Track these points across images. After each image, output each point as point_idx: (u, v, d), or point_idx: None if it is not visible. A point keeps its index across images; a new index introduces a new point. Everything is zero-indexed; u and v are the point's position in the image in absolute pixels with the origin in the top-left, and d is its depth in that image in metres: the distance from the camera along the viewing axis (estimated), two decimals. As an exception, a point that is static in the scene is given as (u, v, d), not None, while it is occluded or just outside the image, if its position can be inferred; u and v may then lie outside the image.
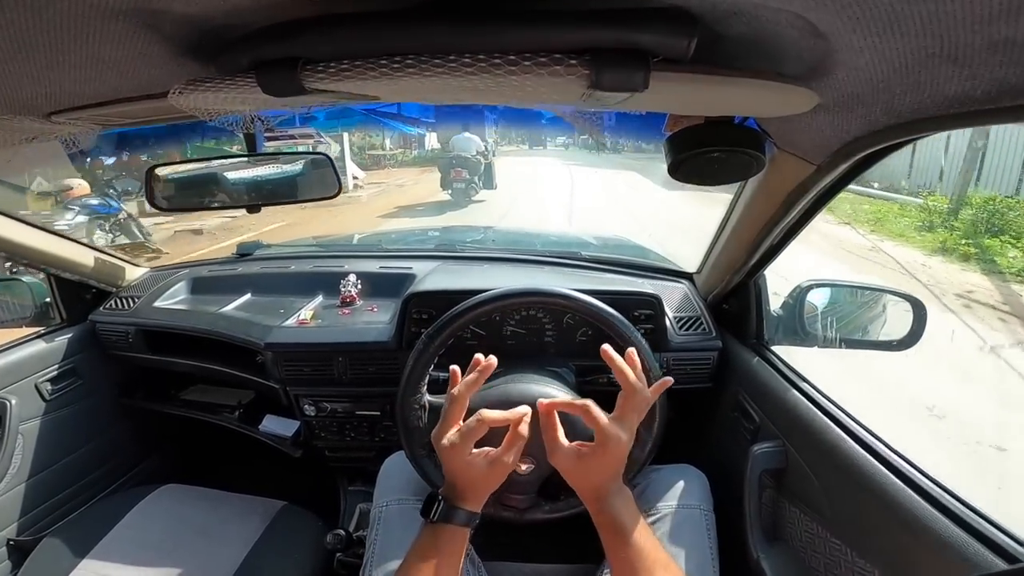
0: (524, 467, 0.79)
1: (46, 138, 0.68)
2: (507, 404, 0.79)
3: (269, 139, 0.76)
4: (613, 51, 0.34)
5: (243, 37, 0.38)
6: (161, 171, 0.83)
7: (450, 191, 8.20)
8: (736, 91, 0.43)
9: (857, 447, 0.74)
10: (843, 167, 0.63)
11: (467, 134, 8.51)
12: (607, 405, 0.95)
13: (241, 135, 0.73)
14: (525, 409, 0.64)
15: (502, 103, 0.42)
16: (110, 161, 7.60)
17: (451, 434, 0.62)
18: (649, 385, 0.67)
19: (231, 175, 0.82)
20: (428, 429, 0.79)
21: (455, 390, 0.64)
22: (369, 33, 0.35)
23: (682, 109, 0.54)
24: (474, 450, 0.62)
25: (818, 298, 1.05)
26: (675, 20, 0.34)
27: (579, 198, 9.38)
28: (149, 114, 0.61)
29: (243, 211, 0.82)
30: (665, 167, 0.62)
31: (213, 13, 0.37)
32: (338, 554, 1.09)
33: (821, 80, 0.43)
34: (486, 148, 8.61)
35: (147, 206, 0.93)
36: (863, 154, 0.57)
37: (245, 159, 0.80)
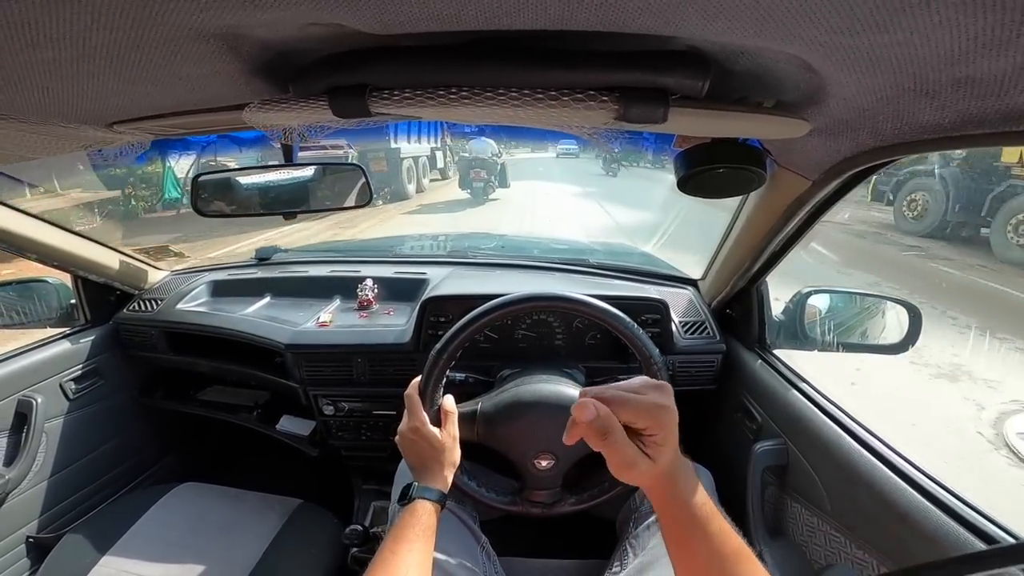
0: (544, 463, 0.82)
1: (100, 147, 0.71)
2: (517, 407, 0.85)
3: (303, 149, 0.80)
4: (638, 89, 0.40)
5: (319, 63, 0.42)
6: (204, 179, 0.88)
7: (469, 190, 8.68)
8: (741, 122, 0.48)
9: (854, 444, 0.77)
10: (835, 183, 0.68)
11: (483, 138, 8.91)
12: None
13: (279, 146, 0.78)
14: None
15: (536, 127, 0.47)
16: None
17: (402, 422, 0.78)
18: (658, 376, 0.79)
19: (269, 184, 0.86)
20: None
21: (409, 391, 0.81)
22: (431, 66, 0.40)
23: (691, 133, 0.60)
24: (424, 430, 0.76)
25: (818, 304, 1.09)
26: (692, 63, 0.40)
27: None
28: (204, 126, 0.64)
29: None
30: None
31: (290, 40, 0.40)
32: (353, 550, 1.11)
33: (814, 107, 0.49)
34: (500, 151, 9.10)
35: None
36: (852, 172, 0.63)
37: (284, 168, 0.85)
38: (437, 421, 0.79)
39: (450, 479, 0.76)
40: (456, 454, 0.79)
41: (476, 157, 8.75)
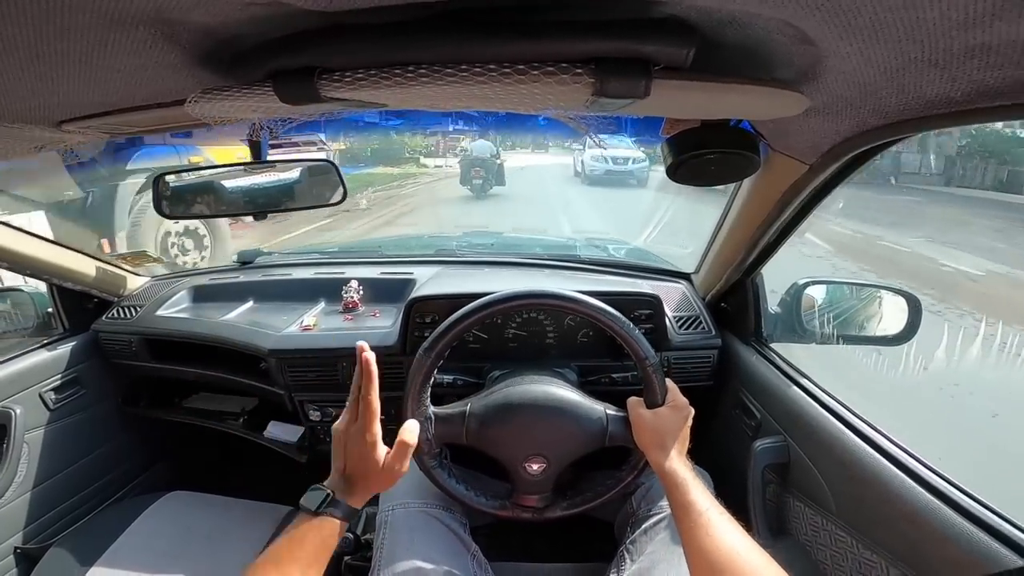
0: (535, 467, 0.79)
1: (54, 147, 0.68)
2: (508, 408, 0.81)
3: (273, 146, 0.76)
4: (616, 60, 0.36)
5: (260, 46, 0.39)
6: (168, 179, 0.84)
7: (469, 186, 9.45)
8: (732, 96, 0.45)
9: (858, 440, 0.75)
10: (834, 166, 0.65)
11: (482, 140, 9.84)
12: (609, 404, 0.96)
13: (246, 143, 0.75)
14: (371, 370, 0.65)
15: (510, 109, 0.43)
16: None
17: (357, 427, 0.64)
18: (653, 375, 0.78)
19: (237, 183, 0.83)
20: (435, 440, 0.81)
21: (371, 395, 0.65)
22: (384, 43, 0.36)
23: (681, 113, 0.56)
24: (378, 449, 0.64)
25: (815, 295, 1.07)
26: (675, 30, 0.36)
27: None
28: (158, 122, 0.61)
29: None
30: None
31: (231, 23, 0.37)
32: (346, 557, 1.09)
33: (812, 84, 0.45)
34: (497, 151, 9.94)
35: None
36: (853, 154, 0.59)
37: (251, 166, 0.81)
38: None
39: (364, 501, 0.66)
40: (390, 482, 0.68)
41: (477, 157, 9.45)
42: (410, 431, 0.68)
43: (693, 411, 0.78)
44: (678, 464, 0.70)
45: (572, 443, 0.81)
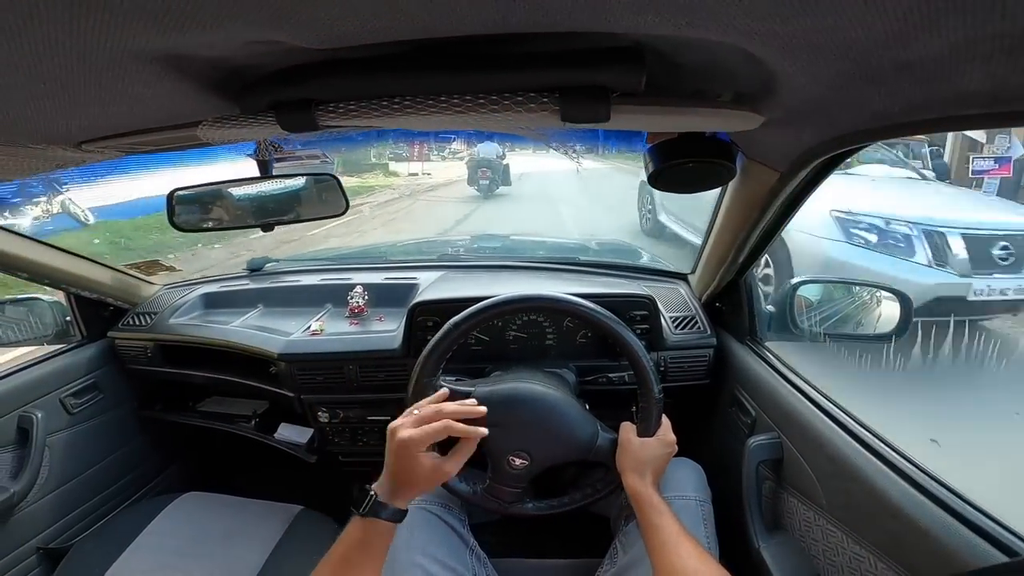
0: (518, 462, 0.82)
1: (74, 165, 0.72)
2: (514, 400, 0.85)
3: (278, 160, 0.80)
4: (576, 89, 0.39)
5: (262, 79, 0.42)
6: (181, 194, 0.88)
7: (476, 187, 9.56)
8: (687, 117, 0.48)
9: (847, 437, 0.76)
10: (803, 173, 0.67)
11: (488, 142, 9.71)
12: (606, 404, 0.99)
13: (255, 160, 0.78)
14: (484, 431, 0.69)
15: (489, 131, 0.47)
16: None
17: (412, 430, 0.65)
18: (656, 405, 0.84)
19: (244, 197, 0.86)
20: None
21: (447, 406, 0.69)
22: (372, 78, 0.40)
23: (647, 129, 0.59)
24: (424, 451, 0.66)
25: (808, 294, 1.08)
26: (627, 59, 0.39)
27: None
28: (173, 142, 0.64)
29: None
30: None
31: (234, 58, 0.41)
32: None
33: (767, 99, 0.48)
34: (504, 152, 9.99)
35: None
36: (818, 161, 0.62)
37: (258, 181, 0.85)
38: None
39: (409, 502, 0.69)
40: (433, 487, 0.72)
41: (483, 158, 9.53)
42: (474, 442, 0.70)
43: (676, 450, 0.85)
44: (650, 489, 0.77)
45: (559, 448, 0.84)
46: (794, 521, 0.86)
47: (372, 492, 0.65)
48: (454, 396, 0.85)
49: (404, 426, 0.66)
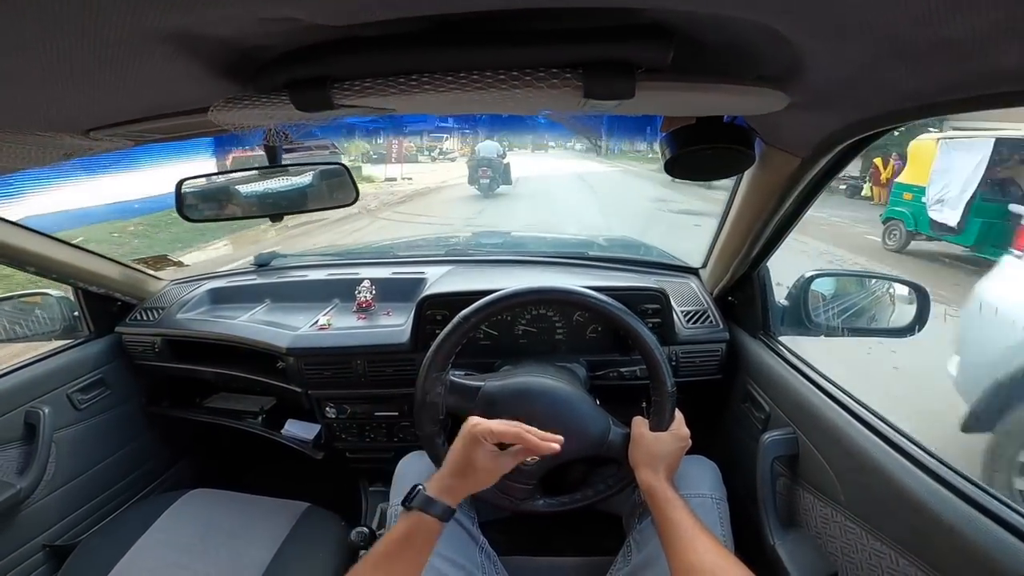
0: (529, 458, 0.81)
1: (82, 154, 0.71)
2: (523, 395, 0.84)
3: (287, 151, 0.79)
4: (601, 64, 0.38)
5: (277, 59, 0.42)
6: (189, 184, 0.87)
7: (477, 186, 9.49)
8: (714, 95, 0.47)
9: (867, 431, 0.75)
10: (825, 159, 0.66)
11: (489, 141, 9.70)
12: (617, 399, 0.98)
13: (262, 149, 0.77)
14: (556, 448, 0.70)
15: (507, 112, 0.46)
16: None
17: (492, 422, 0.70)
18: (669, 399, 0.83)
19: (254, 187, 0.86)
20: (445, 406, 0.83)
21: (526, 427, 0.71)
22: (390, 54, 0.39)
23: (668, 111, 0.58)
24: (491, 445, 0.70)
25: (822, 288, 1.07)
26: (654, 33, 0.38)
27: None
28: (182, 129, 0.64)
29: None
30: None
31: (248, 37, 0.40)
32: (361, 551, 1.11)
33: (793, 80, 0.47)
34: (504, 151, 9.94)
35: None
36: (842, 146, 0.61)
37: (267, 170, 0.84)
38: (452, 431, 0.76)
39: (460, 499, 0.71)
40: (491, 481, 0.73)
41: (484, 157, 9.45)
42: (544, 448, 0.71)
43: (690, 443, 0.84)
44: (664, 484, 0.76)
45: (571, 444, 0.82)
46: (810, 517, 0.84)
47: (420, 486, 0.67)
48: (462, 390, 0.84)
49: (483, 423, 0.70)
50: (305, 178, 0.88)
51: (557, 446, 0.70)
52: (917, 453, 0.68)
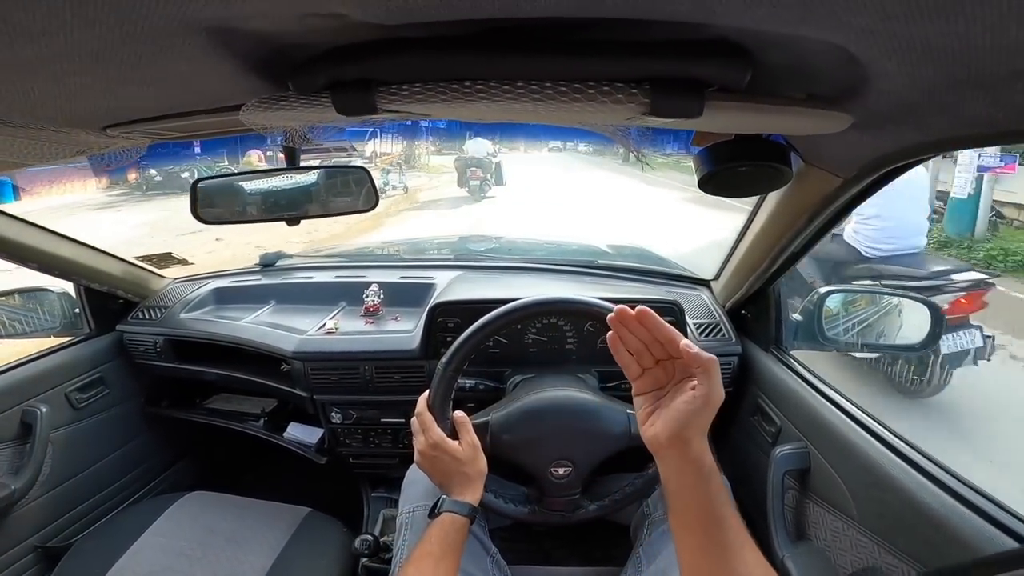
0: (561, 471, 0.81)
1: (97, 152, 0.69)
2: (530, 415, 0.84)
3: (305, 152, 0.77)
4: (670, 81, 0.37)
5: (318, 57, 0.40)
6: (205, 184, 0.86)
7: (467, 188, 8.88)
8: (779, 116, 0.45)
9: (880, 446, 0.75)
10: (868, 179, 0.65)
11: (478, 138, 9.03)
12: (629, 401, 0.96)
13: (280, 150, 0.76)
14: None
15: (554, 123, 0.44)
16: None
17: (416, 443, 0.77)
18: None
19: (271, 189, 0.84)
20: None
21: (419, 404, 0.80)
22: (444, 58, 0.37)
23: (724, 129, 0.57)
24: (447, 444, 0.76)
25: (834, 304, 1.07)
26: (732, 52, 0.37)
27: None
28: (202, 128, 0.62)
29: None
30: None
31: (287, 33, 0.38)
32: (364, 559, 1.10)
33: (854, 101, 0.45)
34: (495, 150, 9.41)
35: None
36: (890, 168, 0.60)
37: (286, 172, 0.83)
38: (453, 434, 0.78)
39: (480, 489, 0.76)
40: (481, 462, 0.78)
41: (472, 157, 8.87)
42: (458, 412, 0.80)
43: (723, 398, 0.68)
44: (704, 454, 0.60)
45: (596, 445, 0.82)
46: (820, 531, 0.84)
47: (441, 497, 0.74)
48: (473, 428, 0.84)
49: (419, 443, 0.77)
50: (325, 181, 0.87)
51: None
52: (934, 470, 0.68)
